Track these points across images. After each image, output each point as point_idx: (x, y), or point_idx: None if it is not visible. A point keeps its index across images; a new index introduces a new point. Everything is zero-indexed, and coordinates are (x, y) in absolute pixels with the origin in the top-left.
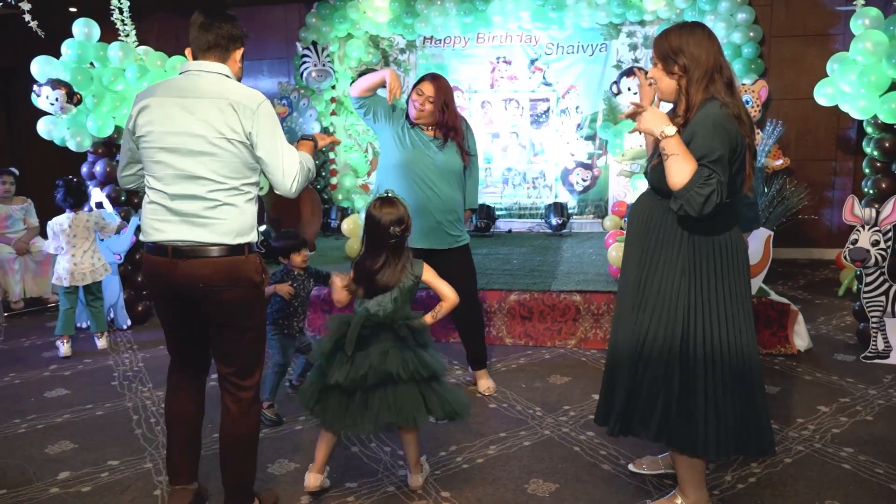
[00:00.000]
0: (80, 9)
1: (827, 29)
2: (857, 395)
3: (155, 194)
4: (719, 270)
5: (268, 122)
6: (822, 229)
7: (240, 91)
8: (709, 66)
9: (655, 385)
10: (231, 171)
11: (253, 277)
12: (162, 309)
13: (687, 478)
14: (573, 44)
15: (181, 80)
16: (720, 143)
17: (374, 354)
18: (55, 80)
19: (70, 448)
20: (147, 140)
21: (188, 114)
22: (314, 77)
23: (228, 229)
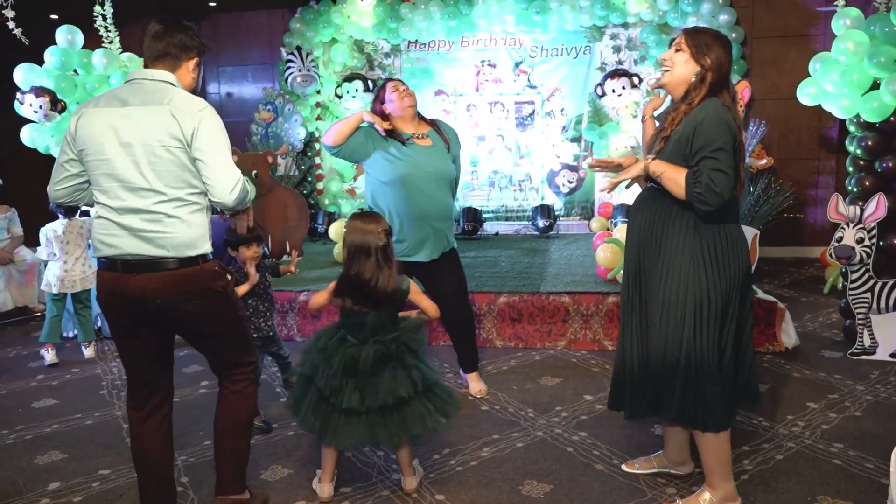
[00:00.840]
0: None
1: (808, 29)
2: (846, 392)
3: (102, 209)
4: (722, 259)
5: (208, 128)
6: (807, 227)
7: (180, 97)
8: (725, 75)
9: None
10: (173, 179)
11: (211, 286)
12: (117, 329)
13: (714, 469)
14: (557, 46)
15: (123, 89)
16: (718, 135)
17: (386, 381)
18: (39, 88)
19: (60, 458)
20: (89, 153)
21: (127, 123)
22: (299, 82)
23: (177, 243)
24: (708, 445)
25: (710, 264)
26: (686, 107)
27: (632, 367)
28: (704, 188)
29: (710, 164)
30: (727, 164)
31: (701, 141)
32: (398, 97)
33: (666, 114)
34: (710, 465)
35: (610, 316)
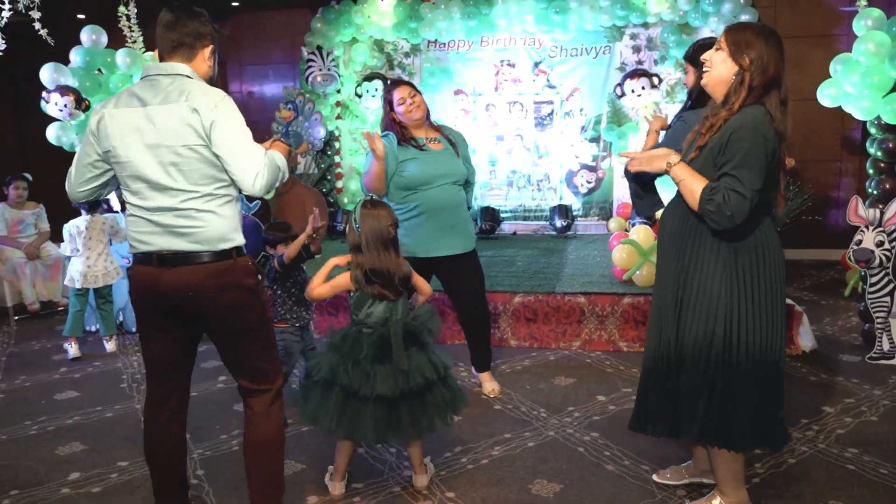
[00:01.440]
0: (89, 16)
1: (831, 30)
2: (863, 396)
3: (134, 208)
4: (757, 270)
5: (226, 117)
6: (828, 230)
7: (197, 92)
8: (771, 76)
9: (696, 387)
10: (200, 177)
11: (243, 281)
12: (148, 326)
13: (726, 477)
14: (577, 46)
15: (141, 86)
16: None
17: (414, 361)
18: (64, 87)
19: (80, 449)
20: (114, 155)
21: (150, 125)
22: (319, 81)
23: (210, 237)
24: (721, 456)
25: (745, 276)
26: (726, 112)
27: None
28: (716, 208)
29: (729, 182)
30: (749, 185)
31: (728, 154)
32: (405, 111)
33: (704, 118)
34: (722, 475)
35: (625, 317)
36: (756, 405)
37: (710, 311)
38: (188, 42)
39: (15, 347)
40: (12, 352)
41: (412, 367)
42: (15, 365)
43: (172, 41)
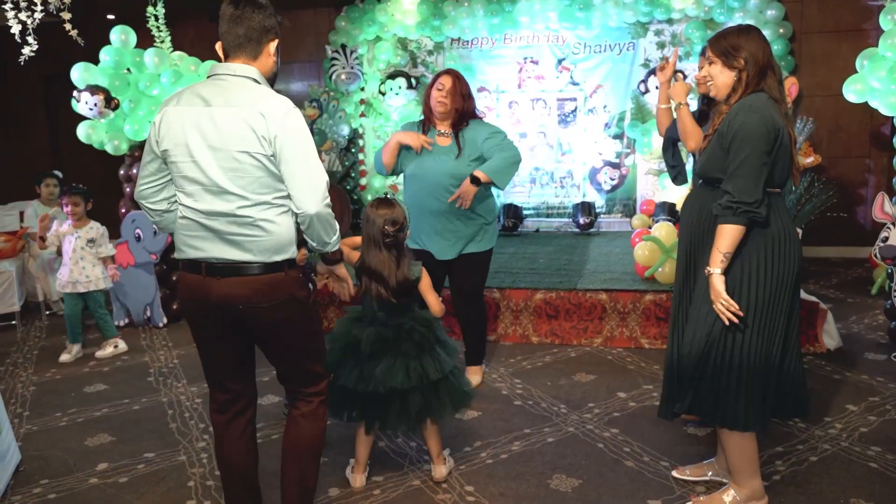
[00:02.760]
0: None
1: (861, 24)
2: (887, 395)
3: (186, 210)
4: (768, 260)
5: (292, 136)
6: (856, 227)
7: (264, 100)
8: (763, 63)
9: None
10: (259, 186)
11: (295, 294)
12: (200, 332)
13: (740, 466)
14: (600, 43)
15: (207, 85)
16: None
17: (382, 370)
18: (93, 86)
19: (108, 441)
20: (172, 154)
21: (212, 127)
22: (343, 79)
23: (264, 247)
24: (732, 443)
25: (752, 263)
26: (727, 107)
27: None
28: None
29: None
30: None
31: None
32: (434, 98)
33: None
34: (735, 464)
35: (647, 314)
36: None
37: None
38: (255, 37)
39: (46, 341)
40: (43, 346)
41: (380, 375)
42: (46, 358)
43: (239, 37)
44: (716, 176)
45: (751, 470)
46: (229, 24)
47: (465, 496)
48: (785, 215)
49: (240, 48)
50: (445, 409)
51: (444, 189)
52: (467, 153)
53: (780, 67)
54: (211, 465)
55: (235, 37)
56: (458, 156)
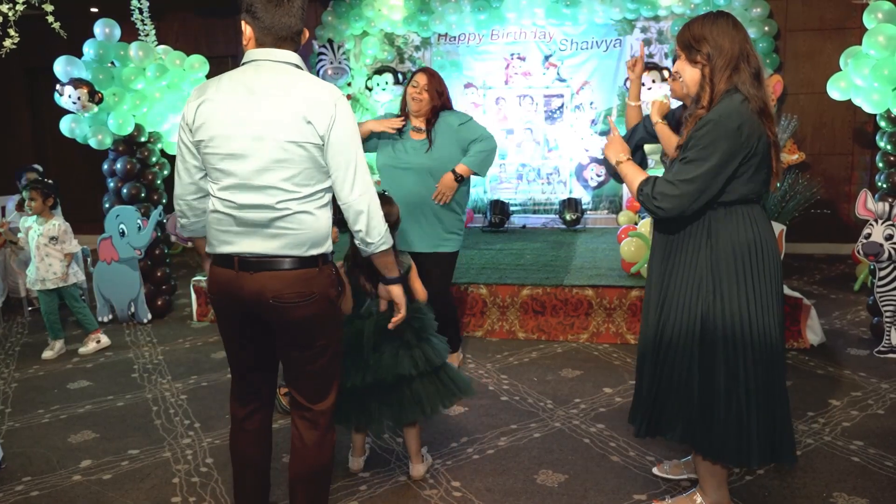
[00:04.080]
0: (102, 9)
1: (844, 22)
2: (870, 390)
3: (220, 203)
4: (741, 271)
5: (344, 123)
6: (839, 224)
7: (312, 86)
8: (733, 54)
9: (679, 386)
10: (304, 178)
11: (327, 292)
12: (226, 327)
13: (707, 477)
14: (587, 40)
15: (246, 73)
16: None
17: (387, 357)
18: (77, 80)
19: (92, 437)
20: (209, 145)
21: (255, 114)
22: (330, 74)
23: (302, 240)
24: (703, 463)
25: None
26: (701, 111)
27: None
28: (644, 198)
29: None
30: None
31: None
32: (409, 95)
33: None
34: (704, 472)
35: (633, 310)
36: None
37: (689, 309)
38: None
39: (28, 338)
40: (26, 342)
41: (387, 362)
42: (28, 355)
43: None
44: None
45: (718, 481)
46: (273, 10)
47: (452, 491)
48: (762, 225)
49: (285, 38)
50: (452, 395)
51: (416, 182)
52: (438, 143)
53: (757, 56)
54: (196, 461)
55: (283, 27)
56: (428, 150)
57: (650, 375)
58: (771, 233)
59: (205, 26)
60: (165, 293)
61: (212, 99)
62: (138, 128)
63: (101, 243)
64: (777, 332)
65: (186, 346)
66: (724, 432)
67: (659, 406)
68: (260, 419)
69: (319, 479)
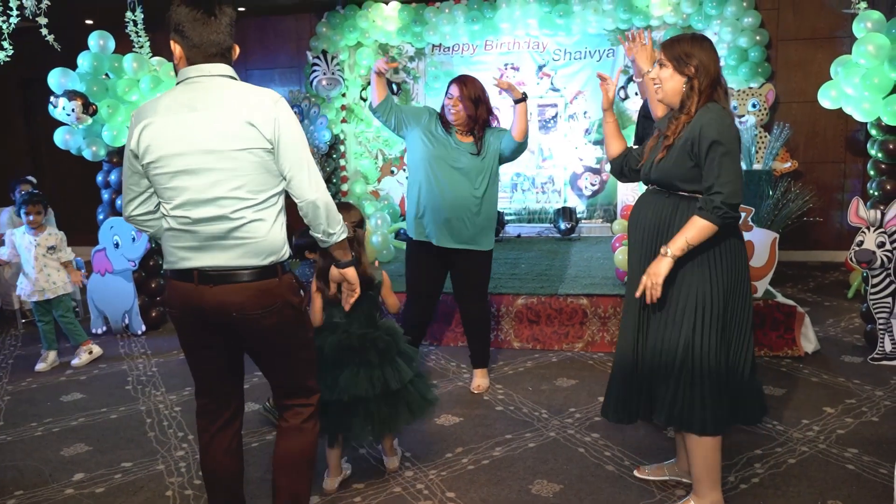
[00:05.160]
0: (97, 22)
1: (835, 32)
2: (864, 397)
3: (174, 221)
4: (724, 264)
5: (287, 123)
6: (832, 231)
7: (252, 93)
8: (714, 75)
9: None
10: (256, 184)
11: (290, 299)
12: (190, 340)
13: (703, 477)
14: (580, 49)
15: (185, 91)
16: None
17: (346, 378)
18: (71, 92)
19: (85, 450)
20: (158, 165)
21: (200, 128)
22: (324, 85)
23: (259, 249)
24: (697, 450)
25: (712, 265)
26: (685, 117)
27: (628, 370)
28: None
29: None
30: (734, 169)
31: (706, 143)
32: (447, 109)
33: (666, 123)
34: (699, 472)
35: None
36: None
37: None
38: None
39: (22, 350)
40: (19, 354)
41: (344, 383)
42: (22, 367)
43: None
44: (676, 184)
45: (713, 480)
46: (202, 30)
47: (447, 502)
48: (736, 227)
49: (216, 54)
50: (402, 419)
51: (456, 183)
52: (487, 152)
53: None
54: (189, 474)
55: (211, 44)
56: (479, 154)
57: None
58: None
59: None
60: (159, 305)
61: (153, 122)
62: None
63: (95, 255)
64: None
65: (181, 358)
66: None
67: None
68: (229, 437)
69: (299, 464)
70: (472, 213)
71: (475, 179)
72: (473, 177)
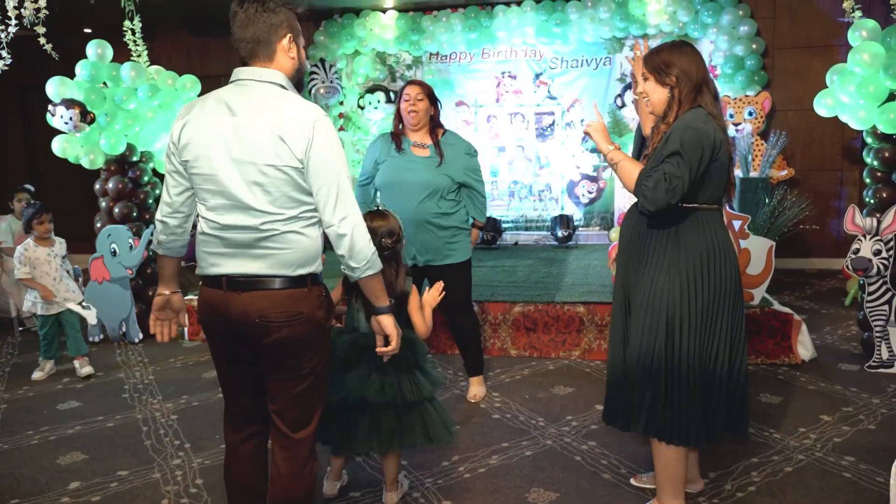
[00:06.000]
0: (95, 30)
1: (831, 40)
2: (861, 405)
3: (207, 224)
4: (704, 274)
5: (321, 145)
6: (829, 239)
7: (291, 107)
8: (697, 79)
9: (643, 381)
10: (287, 201)
11: (315, 313)
12: (217, 349)
13: (665, 485)
14: (577, 58)
15: (230, 92)
16: (684, 141)
17: (354, 378)
18: (69, 100)
19: (81, 459)
20: (194, 165)
21: (237, 138)
22: (322, 93)
23: (289, 260)
24: (661, 458)
25: (689, 276)
26: (665, 126)
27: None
28: (654, 184)
29: (667, 167)
30: (682, 167)
31: (668, 148)
32: (404, 108)
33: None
34: (661, 480)
35: None
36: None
37: (654, 309)
38: (263, 38)
39: (19, 358)
40: (16, 362)
41: (352, 384)
42: (18, 375)
43: (247, 41)
44: None
45: (675, 489)
46: (238, 28)
47: None
48: (722, 232)
49: (253, 56)
50: (416, 437)
51: (422, 200)
52: (448, 160)
53: (715, 84)
54: (185, 482)
55: (245, 43)
56: (440, 164)
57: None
58: (729, 239)
59: (197, 45)
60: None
61: (195, 119)
62: (130, 147)
63: (92, 263)
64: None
65: (177, 366)
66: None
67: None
68: (254, 445)
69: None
70: (438, 226)
71: (433, 193)
72: (431, 190)
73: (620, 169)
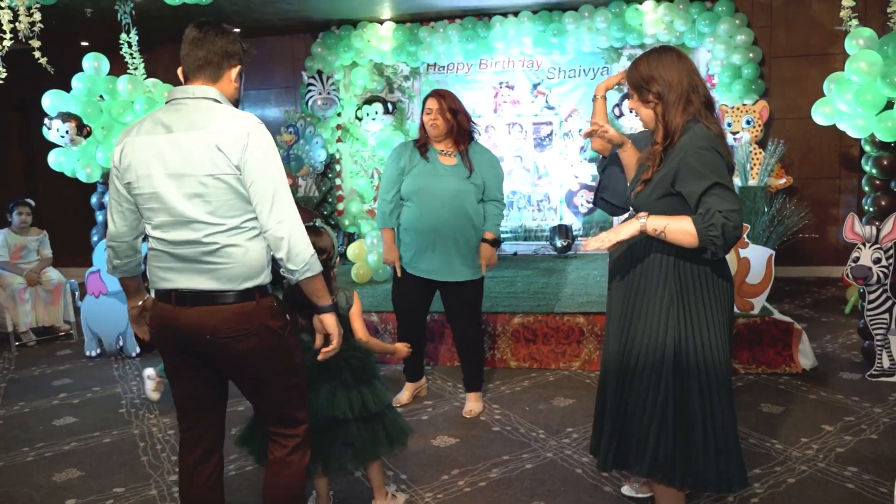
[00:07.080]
0: (92, 44)
1: (828, 49)
2: (862, 414)
3: (155, 241)
4: (705, 299)
5: (256, 153)
6: (829, 247)
7: (225, 117)
8: (683, 88)
9: (650, 416)
10: (228, 209)
11: (268, 324)
12: (170, 363)
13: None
14: (575, 68)
15: (166, 112)
16: (711, 169)
17: (322, 397)
18: (65, 114)
19: (77, 476)
20: (135, 186)
21: (174, 153)
22: (319, 105)
23: (233, 274)
24: (664, 496)
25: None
26: (657, 147)
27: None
28: (722, 229)
29: (716, 202)
30: (732, 198)
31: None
32: (426, 122)
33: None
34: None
35: None
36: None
37: (657, 339)
38: (215, 61)
39: (15, 374)
40: (12, 378)
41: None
42: (15, 391)
43: (198, 59)
44: None
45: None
46: (190, 46)
47: None
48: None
49: (199, 70)
50: (383, 446)
51: (450, 209)
52: (477, 170)
53: (705, 85)
54: None
55: (195, 59)
56: (470, 176)
57: (613, 407)
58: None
59: None
60: None
61: (132, 141)
62: None
63: (89, 277)
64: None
65: None
66: (705, 459)
67: (625, 438)
68: (209, 469)
69: (290, 499)
70: (466, 237)
71: (461, 204)
72: (459, 200)
73: (670, 232)
